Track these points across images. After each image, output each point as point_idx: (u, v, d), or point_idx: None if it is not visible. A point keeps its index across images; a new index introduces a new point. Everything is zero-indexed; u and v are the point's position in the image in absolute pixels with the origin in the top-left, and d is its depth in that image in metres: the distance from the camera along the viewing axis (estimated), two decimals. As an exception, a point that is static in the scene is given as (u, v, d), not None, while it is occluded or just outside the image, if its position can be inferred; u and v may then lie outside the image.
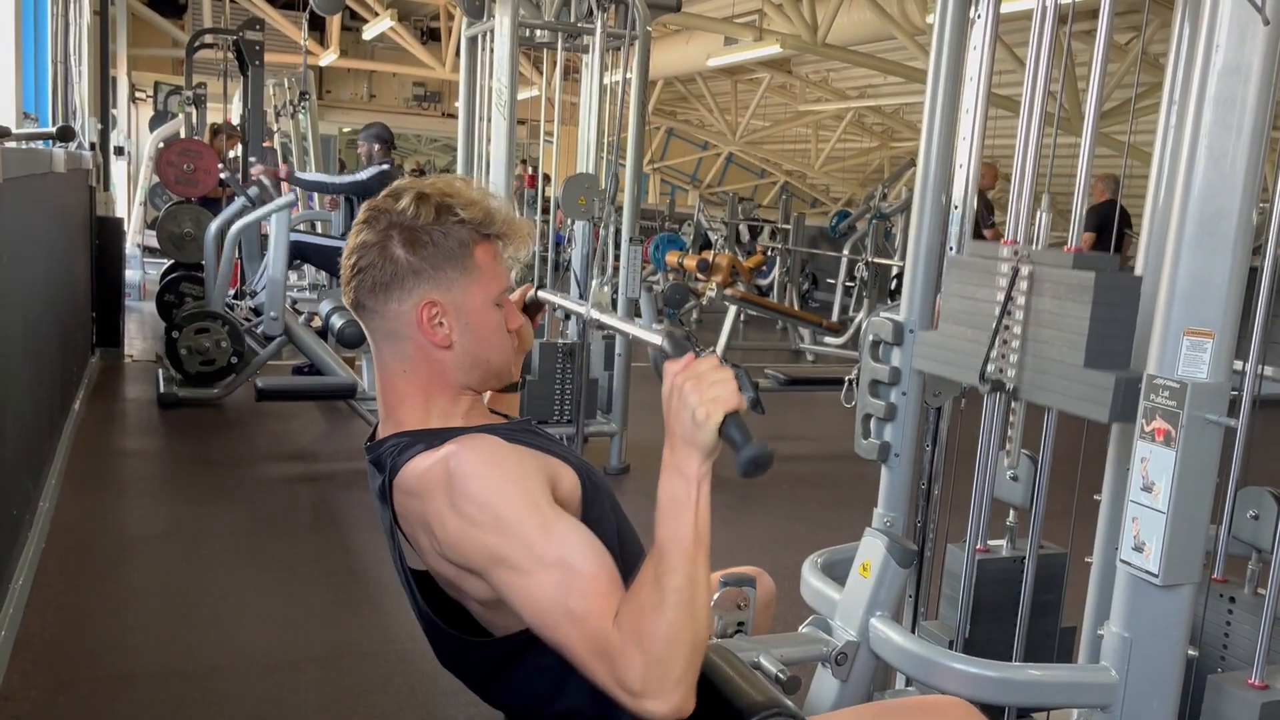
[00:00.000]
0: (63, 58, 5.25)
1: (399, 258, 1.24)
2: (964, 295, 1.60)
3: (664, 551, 1.09)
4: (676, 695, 1.05)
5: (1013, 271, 1.50)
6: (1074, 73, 8.13)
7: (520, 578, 1.11)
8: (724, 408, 1.09)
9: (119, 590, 3.04)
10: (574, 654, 1.10)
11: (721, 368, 1.12)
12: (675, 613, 1.06)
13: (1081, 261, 1.42)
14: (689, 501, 1.10)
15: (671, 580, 1.07)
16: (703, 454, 1.10)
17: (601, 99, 4.35)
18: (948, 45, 1.78)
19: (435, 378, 1.28)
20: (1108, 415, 1.36)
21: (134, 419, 5.02)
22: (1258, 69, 1.22)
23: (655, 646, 1.05)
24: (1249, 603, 1.62)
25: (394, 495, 1.22)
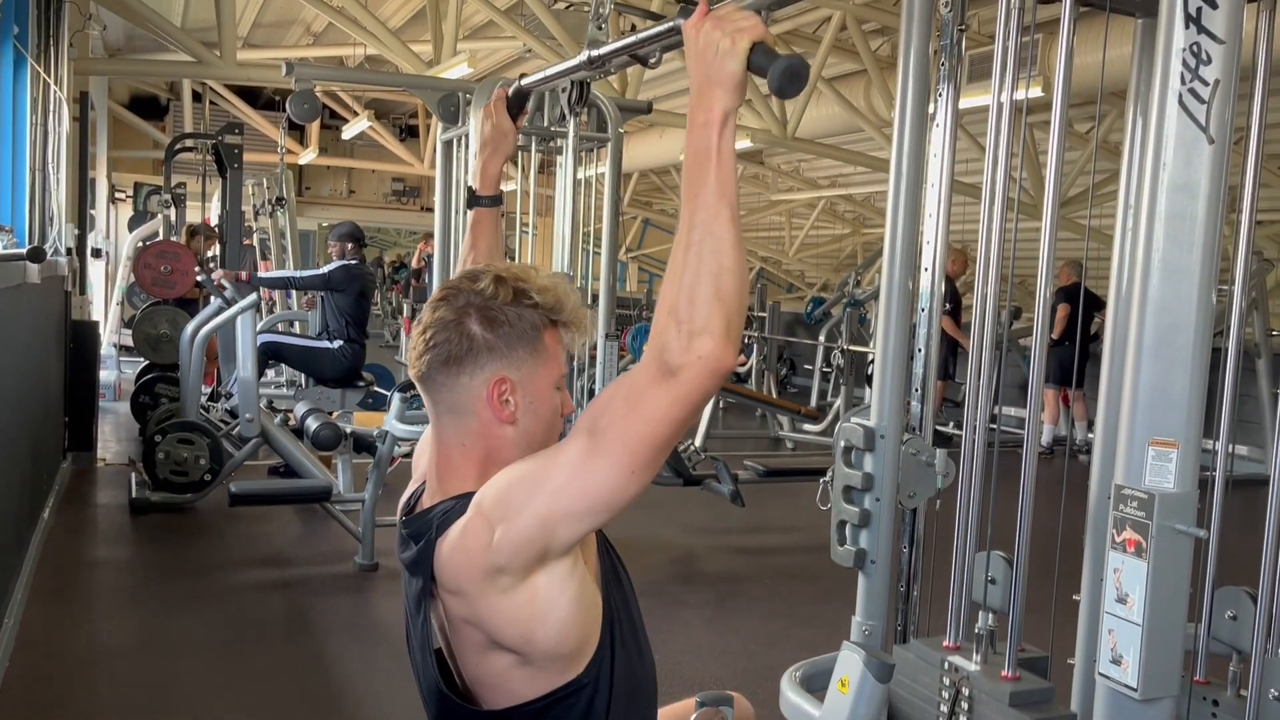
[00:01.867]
0: (40, 165, 5.29)
1: (475, 334, 1.27)
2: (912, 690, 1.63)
3: (686, 210, 1.10)
4: (702, 345, 1.05)
5: (954, 692, 1.53)
6: (1036, 160, 8.34)
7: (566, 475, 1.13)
8: (750, 36, 1.10)
9: (86, 708, 2.95)
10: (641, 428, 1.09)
11: (740, 9, 1.13)
12: (695, 265, 1.07)
13: (1019, 699, 1.46)
14: (711, 150, 1.10)
15: (691, 236, 1.08)
16: (729, 89, 1.11)
17: (576, 195, 4.41)
18: (909, 141, 1.83)
19: (492, 454, 1.30)
20: None
21: (105, 526, 4.93)
22: (1205, 186, 1.25)
23: (679, 307, 1.06)
24: (1232, 706, 1.60)
25: (436, 560, 1.23)
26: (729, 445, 7.10)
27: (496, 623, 1.21)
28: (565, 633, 1.22)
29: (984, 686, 1.50)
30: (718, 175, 1.10)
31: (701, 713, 1.45)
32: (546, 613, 1.20)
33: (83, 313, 6.32)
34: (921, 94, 1.87)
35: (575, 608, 1.22)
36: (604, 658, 1.26)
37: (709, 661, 3.34)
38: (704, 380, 1.07)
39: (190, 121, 12.00)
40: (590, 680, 1.25)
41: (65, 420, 5.81)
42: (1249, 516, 1.61)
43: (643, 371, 1.10)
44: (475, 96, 4.23)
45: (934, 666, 1.57)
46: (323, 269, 5.99)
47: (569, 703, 1.24)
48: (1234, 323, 1.50)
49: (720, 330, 1.07)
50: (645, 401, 1.09)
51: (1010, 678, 1.50)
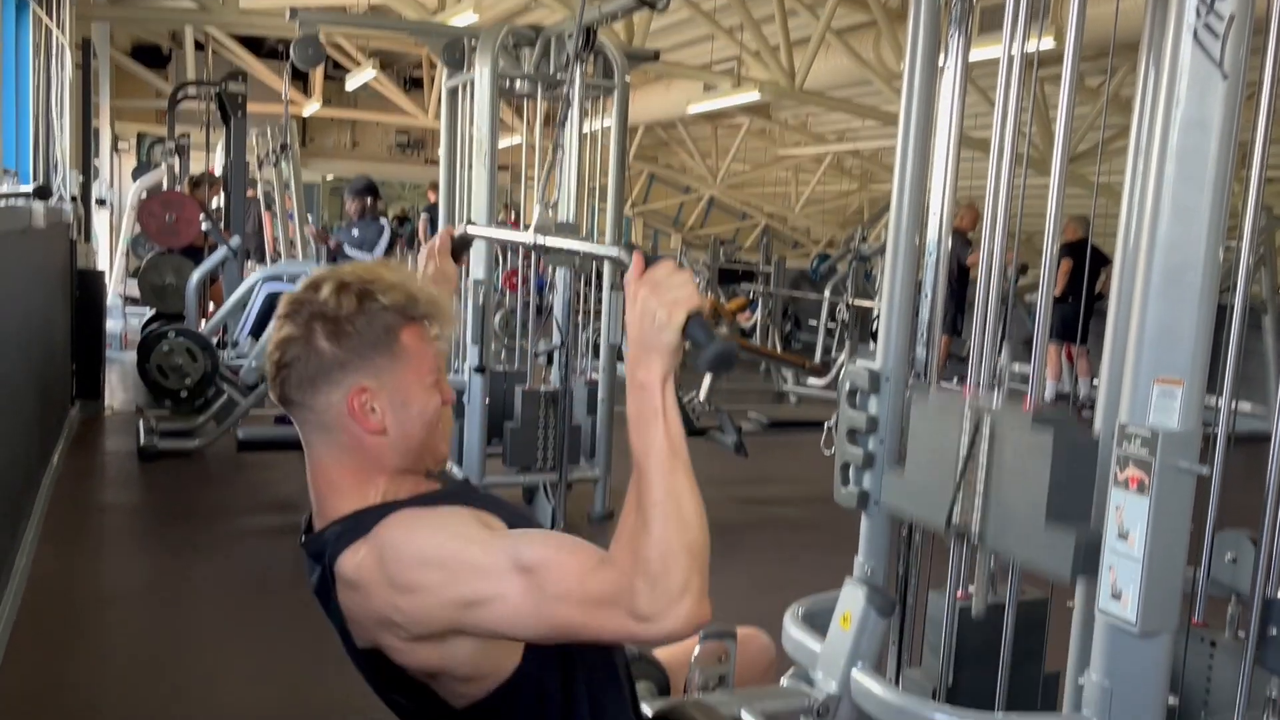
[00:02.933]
0: (44, 112, 5.27)
1: (324, 349, 1.21)
2: (929, 437, 1.62)
3: (641, 469, 1.08)
4: (684, 606, 1.04)
5: (974, 426, 1.52)
6: (1046, 114, 8.26)
7: (493, 606, 1.10)
8: (685, 308, 1.08)
9: (96, 649, 2.99)
10: (586, 628, 1.08)
11: (680, 270, 1.11)
12: (661, 525, 1.05)
13: (1040, 419, 1.44)
14: (656, 411, 1.09)
15: (652, 495, 1.07)
16: (665, 357, 1.09)
17: (582, 147, 4.38)
18: (918, 92, 1.81)
19: (370, 464, 1.26)
20: (1069, 573, 1.39)
21: (113, 471, 4.97)
22: (1218, 122, 1.24)
23: (651, 565, 1.04)
24: (1230, 647, 1.62)
25: (337, 586, 1.21)
26: (733, 399, 7.11)
27: (398, 658, 1.20)
28: (476, 665, 1.21)
29: (1005, 413, 1.49)
30: (666, 433, 1.09)
31: (705, 646, 1.47)
32: (448, 658, 1.19)
33: (88, 261, 6.32)
34: (931, 44, 1.85)
35: (485, 644, 1.19)
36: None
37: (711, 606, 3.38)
38: (683, 634, 1.06)
39: (193, 70, 11.88)
40: (534, 668, 1.23)
41: (72, 368, 5.84)
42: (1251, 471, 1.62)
43: (607, 592, 1.06)
44: (480, 43, 4.18)
45: (955, 404, 1.56)
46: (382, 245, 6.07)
47: (519, 691, 1.22)
48: (1240, 278, 1.50)
49: (699, 589, 1.06)
50: (603, 616, 1.07)
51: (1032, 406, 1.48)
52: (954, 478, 1.52)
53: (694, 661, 1.45)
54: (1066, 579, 1.39)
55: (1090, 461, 1.42)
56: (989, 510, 1.49)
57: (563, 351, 4.40)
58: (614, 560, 1.06)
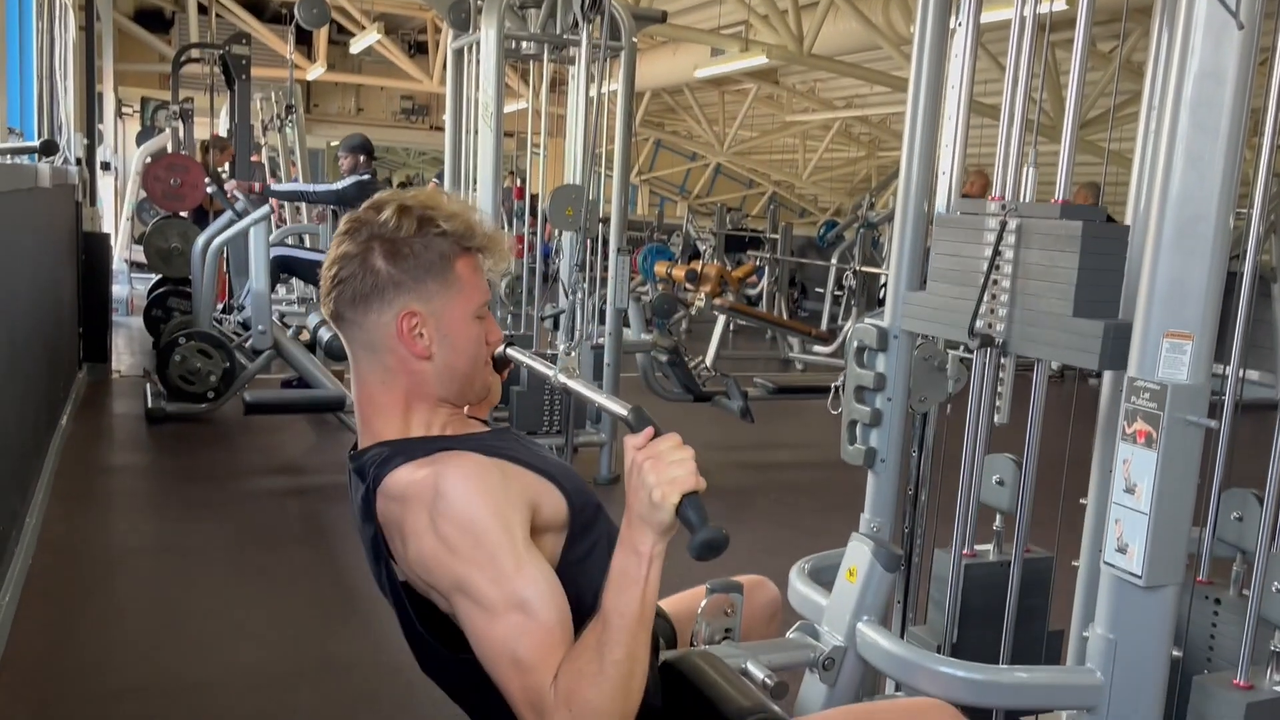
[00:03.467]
0: (48, 73, 5.24)
1: (380, 269, 1.24)
2: (952, 253, 1.61)
3: (608, 623, 1.10)
4: None
5: (1000, 225, 1.50)
6: (1057, 80, 8.19)
7: (480, 612, 1.13)
8: (680, 489, 1.09)
9: (106, 606, 3.02)
10: (509, 697, 1.13)
11: (682, 447, 1.13)
12: (610, 685, 1.08)
13: (1069, 212, 1.44)
14: (639, 578, 1.10)
15: (612, 653, 1.08)
16: (658, 533, 1.11)
17: (588, 111, 4.36)
18: (928, 54, 1.79)
19: (413, 389, 1.28)
20: (1097, 363, 1.38)
21: (121, 434, 5.00)
22: (1233, 73, 1.23)
23: (585, 713, 1.08)
24: (1234, 604, 1.63)
25: (378, 503, 1.22)
26: (739, 366, 7.12)
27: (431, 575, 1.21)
28: None
29: (1033, 211, 1.48)
30: (642, 602, 1.11)
31: (712, 599, 1.48)
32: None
33: (94, 224, 6.32)
34: (942, 7, 1.83)
35: None
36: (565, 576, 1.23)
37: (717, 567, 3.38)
38: None
39: (196, 33, 11.80)
40: None
41: (79, 331, 5.85)
42: (1256, 440, 1.62)
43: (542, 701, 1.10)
44: (486, 3, 4.15)
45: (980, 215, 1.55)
46: (336, 184, 5.95)
47: None
48: (1251, 245, 1.49)
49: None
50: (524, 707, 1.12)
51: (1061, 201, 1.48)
52: (977, 286, 1.51)
53: (701, 614, 1.46)
54: (1094, 368, 1.39)
55: (1119, 254, 1.43)
56: (1015, 314, 1.49)
57: (569, 317, 4.40)
58: (558, 682, 1.10)
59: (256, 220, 5.19)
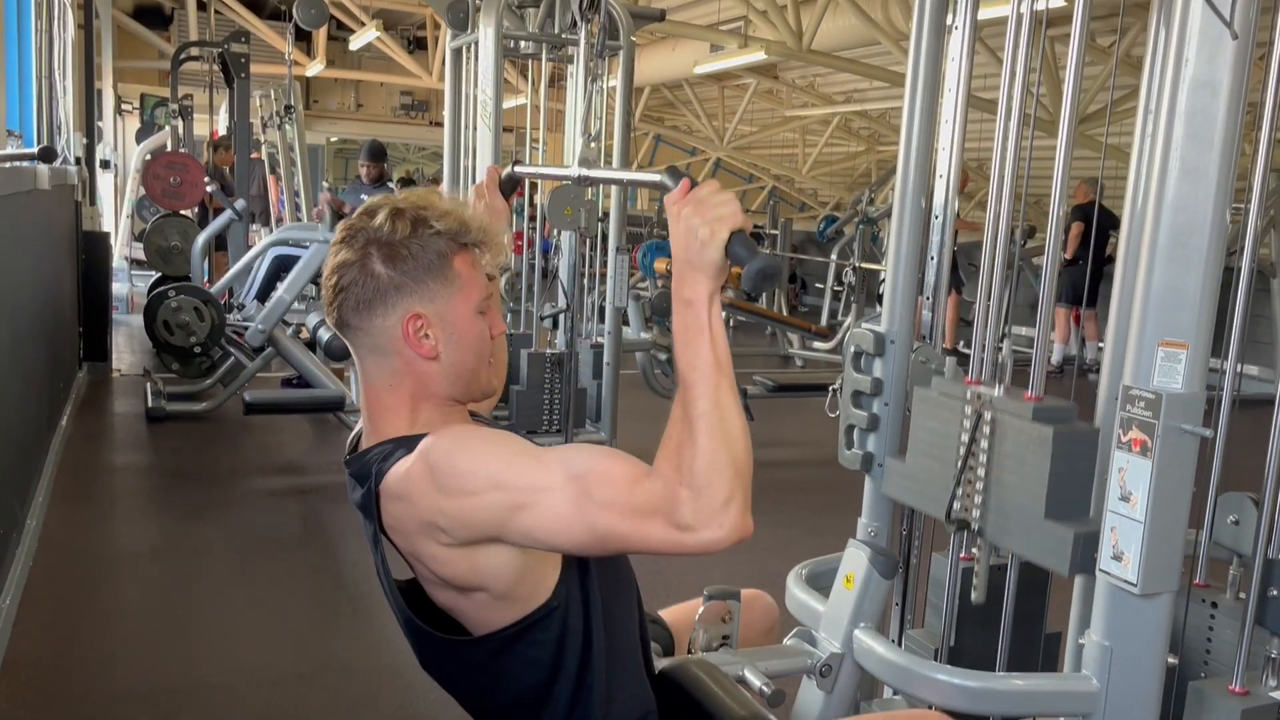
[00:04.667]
0: (47, 73, 5.24)
1: (380, 273, 1.25)
2: (931, 429, 1.62)
3: (686, 383, 1.11)
4: (728, 518, 1.06)
5: (975, 416, 1.52)
6: (1055, 75, 8.18)
7: (537, 511, 1.11)
8: (729, 226, 1.11)
9: (107, 607, 3.03)
10: (629, 536, 1.10)
11: (723, 190, 1.14)
12: (707, 438, 1.07)
13: (1041, 414, 1.44)
14: (702, 327, 1.11)
15: (698, 408, 1.09)
16: (710, 275, 1.12)
17: (586, 108, 4.35)
18: (925, 52, 1.79)
19: (421, 389, 1.28)
20: (1067, 569, 1.39)
21: (122, 433, 5.00)
22: (1227, 83, 1.23)
23: (696, 476, 1.06)
24: (1230, 608, 1.63)
25: (381, 503, 1.23)
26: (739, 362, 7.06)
27: (438, 568, 1.21)
28: (514, 583, 1.21)
29: (1006, 406, 1.49)
30: (713, 349, 1.11)
31: (709, 606, 1.48)
32: (488, 570, 1.19)
33: (93, 223, 6.32)
34: (940, 2, 1.83)
35: (523, 560, 1.20)
36: (572, 576, 1.25)
37: (715, 569, 3.39)
38: (725, 545, 1.07)
39: (195, 31, 11.79)
40: (560, 601, 1.24)
41: (79, 330, 5.86)
42: (1255, 435, 1.62)
43: (652, 502, 1.08)
44: (485, 2, 4.14)
45: (957, 400, 1.56)
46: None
47: (544, 624, 1.24)
48: (1249, 241, 1.49)
49: (743, 501, 1.08)
50: (647, 526, 1.08)
51: (1033, 398, 1.49)
52: (955, 468, 1.52)
53: (698, 621, 1.47)
54: (1065, 574, 1.41)
55: (1090, 456, 1.43)
56: (989, 503, 1.50)
57: (568, 315, 4.40)
58: (659, 471, 1.09)
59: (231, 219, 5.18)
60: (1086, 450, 1.43)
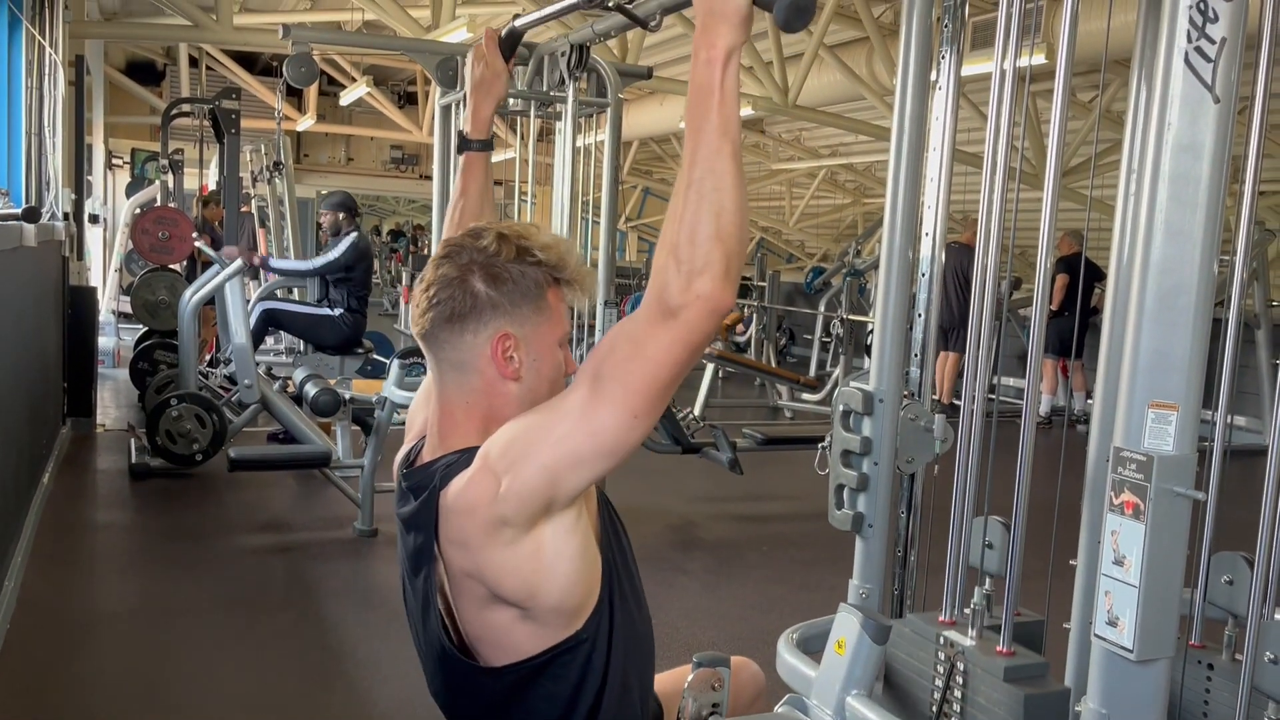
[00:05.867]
0: (37, 129, 5.26)
1: (479, 291, 1.27)
2: (906, 663, 1.64)
3: (688, 146, 1.10)
4: (700, 286, 1.06)
5: (949, 665, 1.53)
6: (1038, 129, 8.29)
7: (569, 423, 1.14)
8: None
9: (85, 672, 2.97)
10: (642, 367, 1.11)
11: None
12: (694, 206, 1.07)
13: (1012, 674, 1.46)
14: (713, 88, 1.10)
15: (692, 173, 1.08)
16: (734, 25, 1.10)
17: (575, 163, 4.38)
18: (910, 110, 1.81)
19: (495, 410, 1.29)
20: None
21: (105, 491, 4.94)
22: (1210, 146, 1.24)
23: (679, 247, 1.07)
24: (1227, 669, 1.61)
25: (440, 513, 1.23)
26: (728, 414, 7.11)
27: (500, 576, 1.21)
28: (568, 587, 1.23)
29: (979, 661, 1.50)
30: (720, 112, 1.10)
31: (699, 674, 1.45)
32: (550, 566, 1.20)
33: (81, 278, 6.30)
34: (924, 60, 1.85)
35: (578, 562, 1.22)
36: (603, 613, 1.27)
37: (707, 627, 3.36)
38: (704, 320, 1.07)
39: (187, 87, 11.90)
40: (589, 636, 1.26)
41: (64, 386, 5.81)
42: (1246, 487, 1.61)
43: (643, 314, 1.10)
44: (474, 60, 4.19)
45: (929, 641, 1.57)
46: (335, 253, 5.85)
47: (568, 658, 1.25)
48: (1234, 293, 1.49)
49: (720, 269, 1.07)
50: (646, 344, 1.09)
51: (1005, 653, 1.50)
52: (930, 709, 1.55)
53: (687, 689, 1.43)
54: None
55: (1061, 716, 1.45)
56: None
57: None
58: (654, 261, 1.10)
59: (231, 275, 5.19)
60: (1057, 711, 1.45)
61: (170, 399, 5.04)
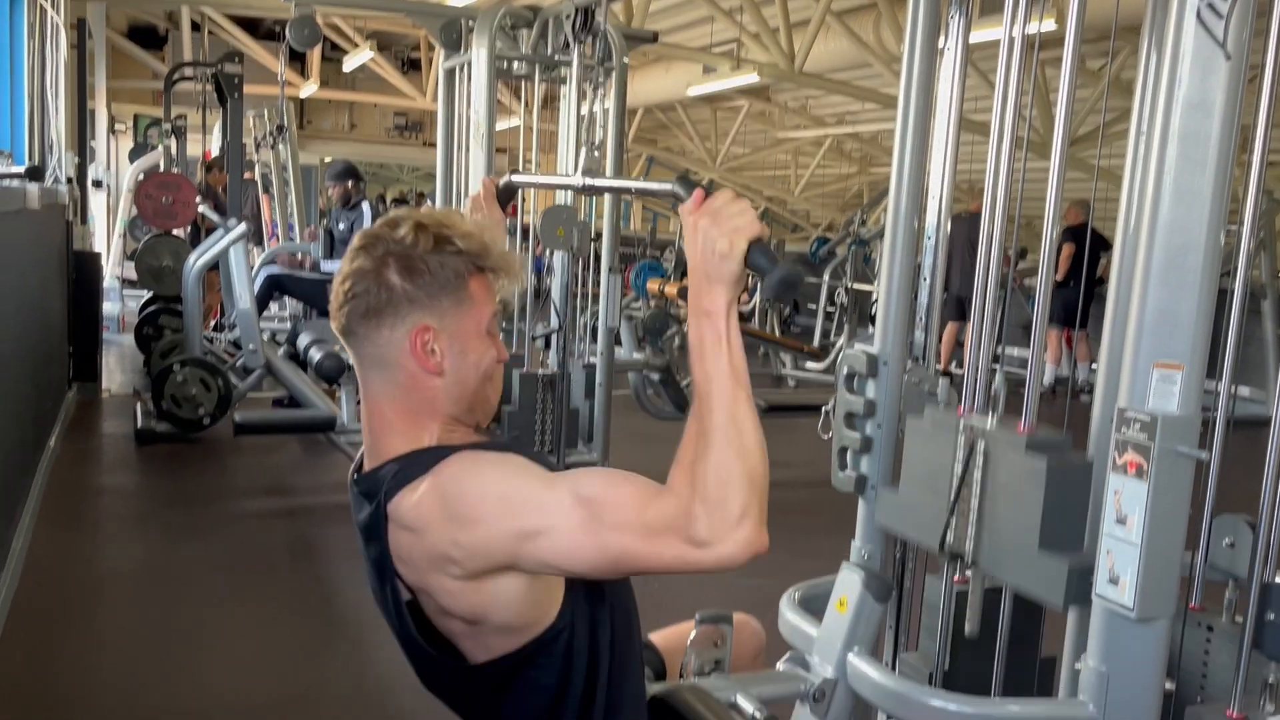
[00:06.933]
0: (39, 93, 5.24)
1: (395, 284, 1.24)
2: (923, 458, 1.60)
3: (702, 395, 1.10)
4: (742, 532, 1.05)
5: (968, 447, 1.51)
6: (1046, 97, 8.23)
7: (551, 537, 1.11)
8: (747, 236, 1.10)
9: (91, 631, 2.99)
10: (644, 557, 1.09)
11: (738, 199, 1.13)
12: (720, 451, 1.06)
13: (1034, 444, 1.43)
14: (720, 338, 1.10)
15: (713, 419, 1.08)
16: (729, 286, 1.11)
17: (579, 129, 4.36)
18: (917, 74, 1.79)
19: (424, 405, 1.27)
20: (1061, 601, 1.38)
21: (110, 455, 4.97)
22: (1220, 104, 1.23)
23: (709, 489, 1.05)
24: (1227, 631, 1.61)
25: (389, 527, 1.21)
26: (731, 383, 7.11)
27: (446, 601, 1.20)
28: (521, 611, 1.20)
29: (999, 437, 1.47)
30: (730, 361, 1.10)
31: (701, 630, 1.46)
32: (497, 600, 1.18)
33: (85, 243, 6.30)
34: (931, 26, 1.83)
35: (532, 589, 1.19)
36: (577, 595, 1.24)
37: (709, 591, 3.37)
38: (741, 559, 1.06)
39: (189, 51, 11.81)
40: (566, 624, 1.23)
41: (69, 350, 5.83)
42: (1249, 457, 1.61)
43: (665, 519, 1.07)
44: (478, 24, 4.15)
45: (949, 430, 1.54)
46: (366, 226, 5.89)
47: (550, 648, 1.22)
48: (1241, 262, 1.48)
49: (758, 515, 1.06)
50: (661, 544, 1.07)
51: (1027, 429, 1.47)
52: (948, 499, 1.51)
53: (690, 645, 1.45)
54: (1059, 608, 1.39)
55: (1084, 487, 1.41)
56: (982, 534, 1.48)
57: (560, 335, 4.39)
58: (672, 488, 1.08)
59: (234, 240, 5.18)
60: (1080, 482, 1.41)
61: (175, 364, 5.05)
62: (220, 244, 5.26)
